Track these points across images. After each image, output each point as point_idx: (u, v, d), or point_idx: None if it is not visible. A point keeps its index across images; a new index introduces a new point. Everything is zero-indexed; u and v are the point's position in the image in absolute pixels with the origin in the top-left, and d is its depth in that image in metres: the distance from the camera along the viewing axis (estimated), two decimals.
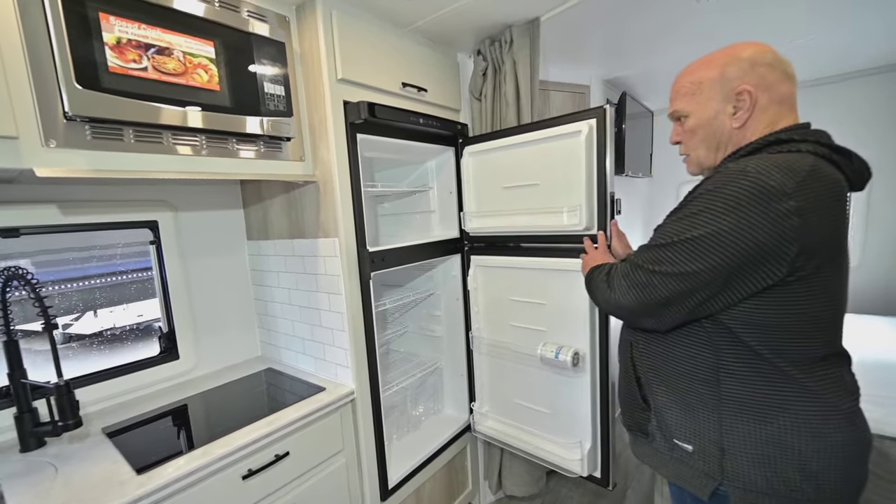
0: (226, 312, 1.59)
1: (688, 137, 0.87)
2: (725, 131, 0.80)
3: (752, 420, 0.78)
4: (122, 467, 0.92)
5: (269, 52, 1.16)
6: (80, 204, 1.22)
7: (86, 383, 1.23)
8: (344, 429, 1.32)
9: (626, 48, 2.03)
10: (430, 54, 1.58)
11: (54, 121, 0.83)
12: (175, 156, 1.01)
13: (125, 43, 0.90)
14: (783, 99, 0.78)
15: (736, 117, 0.79)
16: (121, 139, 0.92)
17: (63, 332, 4.84)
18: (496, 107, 1.69)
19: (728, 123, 0.80)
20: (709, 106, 0.81)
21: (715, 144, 0.83)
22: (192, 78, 1.01)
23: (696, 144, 0.86)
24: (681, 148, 0.91)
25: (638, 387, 0.94)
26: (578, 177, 1.29)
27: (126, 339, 1.44)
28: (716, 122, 0.81)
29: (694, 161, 0.89)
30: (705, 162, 0.86)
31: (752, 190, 0.69)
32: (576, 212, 1.31)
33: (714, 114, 0.81)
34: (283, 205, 1.46)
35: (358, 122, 1.29)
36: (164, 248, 1.39)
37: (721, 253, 0.72)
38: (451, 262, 1.76)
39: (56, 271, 3.85)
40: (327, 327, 1.39)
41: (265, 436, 1.07)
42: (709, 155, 0.85)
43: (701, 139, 0.84)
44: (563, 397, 1.47)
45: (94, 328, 3.19)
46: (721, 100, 0.80)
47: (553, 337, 1.45)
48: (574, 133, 1.29)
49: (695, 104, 0.83)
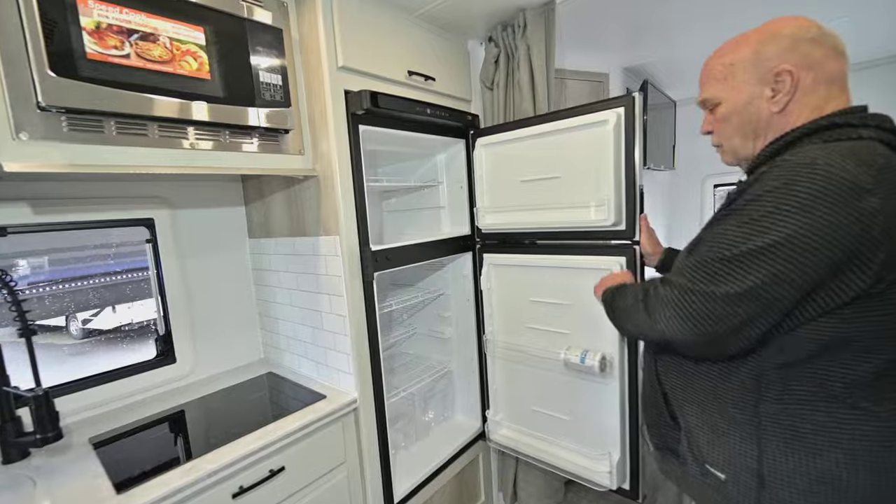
0: (226, 314, 1.53)
1: (721, 126, 0.78)
2: (763, 117, 0.72)
3: (799, 450, 0.66)
4: (102, 483, 0.86)
5: (265, 39, 1.08)
6: (72, 201, 1.16)
7: (77, 389, 1.17)
8: (346, 440, 1.24)
9: (648, 34, 1.90)
10: (438, 41, 1.49)
11: (26, 112, 0.76)
12: (161, 149, 0.93)
13: (105, 28, 0.83)
14: (832, 78, 0.68)
15: (775, 101, 0.70)
16: (101, 131, 0.85)
17: (83, 328, 4.79)
18: (509, 96, 1.58)
19: (766, 108, 0.71)
20: (742, 90, 0.73)
21: (752, 132, 0.74)
22: (180, 66, 0.93)
23: (730, 133, 0.77)
24: (713, 138, 0.82)
25: (665, 402, 0.84)
26: (606, 169, 1.21)
27: (144, 334, 1.39)
28: (751, 107, 0.72)
29: (729, 151, 0.80)
30: (741, 152, 0.77)
31: (827, 186, 0.58)
32: (604, 206, 1.22)
33: (749, 98, 0.72)
34: (284, 201, 1.39)
35: (360, 112, 1.21)
36: (160, 246, 1.33)
37: (799, 262, 0.60)
38: (462, 261, 1.67)
39: (75, 268, 3.84)
40: (329, 331, 1.31)
41: (258, 450, 0.99)
42: (745, 144, 0.76)
43: (735, 127, 0.76)
44: (587, 404, 1.38)
45: (112, 324, 3.18)
46: (756, 82, 0.71)
47: (576, 340, 1.36)
48: (601, 122, 1.20)
49: (727, 89, 0.75)
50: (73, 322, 4.72)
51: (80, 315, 4.63)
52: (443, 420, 1.80)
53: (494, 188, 1.52)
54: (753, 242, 0.62)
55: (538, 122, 1.35)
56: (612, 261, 1.24)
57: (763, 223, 0.62)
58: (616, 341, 1.26)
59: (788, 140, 0.69)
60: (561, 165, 1.32)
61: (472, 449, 1.69)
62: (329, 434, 1.19)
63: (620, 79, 2.28)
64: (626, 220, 1.21)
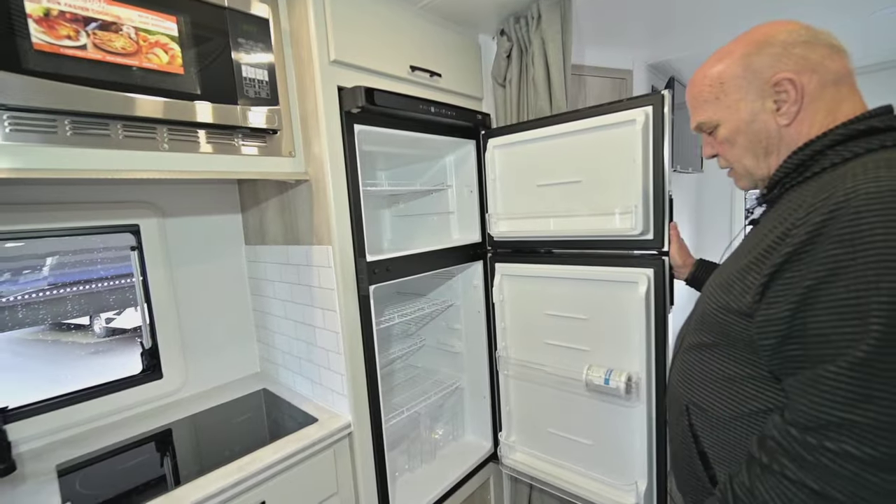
0: (220, 326, 1.45)
1: (726, 149, 0.71)
2: (772, 132, 0.65)
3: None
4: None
5: (249, 30, 0.99)
6: (49, 206, 1.09)
7: (54, 407, 1.10)
8: (338, 468, 1.13)
9: (676, 27, 1.74)
10: (445, 35, 1.37)
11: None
12: (127, 151, 0.85)
13: (56, 15, 0.75)
14: (838, 78, 0.61)
15: (782, 113, 0.63)
16: (53, 132, 0.76)
17: (106, 326, 4.99)
18: (523, 93, 1.45)
19: (773, 122, 0.64)
20: (740, 108, 0.66)
21: (762, 150, 0.67)
22: (147, 59, 0.84)
23: (738, 154, 0.70)
24: (719, 161, 0.75)
25: (703, 464, 0.69)
26: (633, 173, 1.11)
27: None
28: (756, 124, 0.66)
29: (742, 174, 0.72)
30: (757, 172, 0.69)
31: None
32: (630, 214, 1.12)
33: (751, 115, 0.66)
34: (278, 207, 1.30)
35: (354, 110, 1.10)
36: (146, 254, 1.26)
37: None
38: (473, 270, 1.55)
39: (108, 268, 3.95)
40: (322, 347, 1.21)
41: (234, 484, 0.89)
42: (758, 164, 0.68)
43: (744, 148, 0.68)
44: (611, 429, 1.26)
45: (133, 323, 3.19)
46: (755, 97, 0.65)
47: (597, 357, 1.25)
48: (628, 122, 1.10)
49: (722, 109, 0.68)
50: (96, 321, 4.88)
51: (103, 315, 4.78)
52: (452, 440, 1.67)
53: (508, 193, 1.40)
54: (870, 335, 0.46)
55: (557, 121, 1.25)
56: (638, 272, 1.14)
57: (861, 301, 0.47)
58: (643, 359, 1.14)
59: (816, 150, 0.60)
60: (582, 169, 1.21)
61: (483, 472, 1.56)
62: (319, 462, 1.08)
63: (645, 76, 2.11)
64: (653, 228, 1.12)
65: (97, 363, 4.29)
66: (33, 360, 4.56)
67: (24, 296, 4.25)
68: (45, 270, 4.27)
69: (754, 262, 0.58)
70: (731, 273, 0.63)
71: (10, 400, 1.08)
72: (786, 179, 0.64)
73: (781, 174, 0.64)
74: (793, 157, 0.62)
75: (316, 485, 1.08)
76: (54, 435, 1.10)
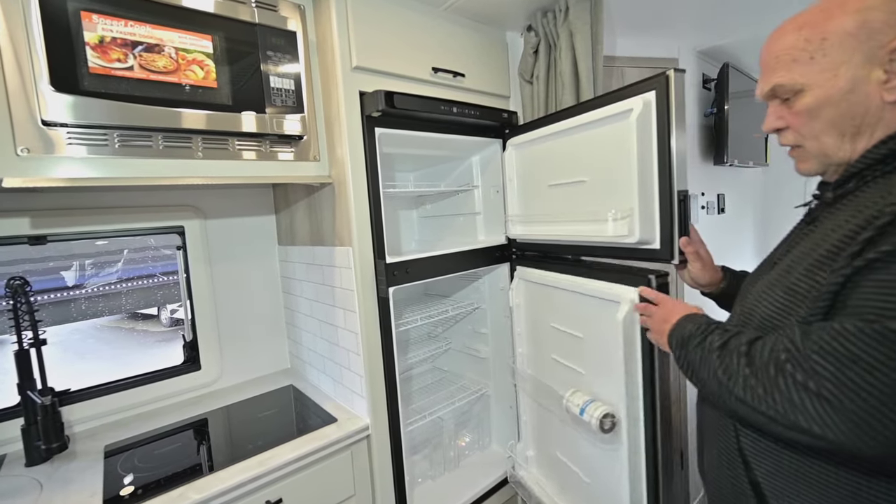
0: (253, 322, 1.52)
1: (803, 121, 0.59)
2: (872, 108, 0.54)
3: None
4: (95, 502, 0.85)
5: (277, 43, 1.03)
6: (106, 210, 1.21)
7: (105, 392, 1.21)
8: (356, 470, 1.14)
9: (728, 8, 1.59)
10: (469, 34, 1.36)
11: (28, 127, 0.77)
12: (167, 160, 0.92)
13: (109, 42, 0.82)
14: None
15: (891, 86, 0.53)
16: (104, 144, 0.84)
17: (171, 317, 5.60)
18: (551, 89, 1.40)
19: (876, 96, 0.54)
20: (839, 73, 0.55)
21: (852, 129, 0.56)
22: (185, 75, 0.91)
23: (818, 130, 0.58)
24: (785, 136, 0.63)
25: (757, 497, 0.60)
26: (629, 171, 0.95)
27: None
28: (853, 95, 0.54)
29: (816, 154, 0.60)
30: (836, 155, 0.58)
31: None
32: (626, 219, 0.97)
33: (850, 84, 0.54)
34: (306, 208, 1.35)
35: (375, 114, 1.12)
36: (189, 253, 1.35)
37: None
38: (499, 273, 1.52)
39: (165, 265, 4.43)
40: (344, 347, 1.23)
41: (254, 478, 0.93)
42: (841, 144, 0.57)
43: (828, 122, 0.57)
44: (600, 467, 1.11)
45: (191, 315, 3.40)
46: (862, 62, 0.53)
47: (589, 383, 1.11)
48: (623, 113, 0.96)
49: (816, 72, 0.56)
50: (163, 312, 5.39)
51: (169, 306, 5.27)
52: (478, 449, 1.64)
53: (523, 194, 1.35)
54: None
55: (561, 117, 1.15)
56: (622, 291, 0.97)
57: None
58: (621, 395, 0.98)
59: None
60: (587, 167, 1.09)
61: (509, 486, 1.51)
62: (336, 463, 1.10)
63: (694, 63, 1.96)
64: (660, 237, 0.94)
65: (160, 351, 4.72)
66: (108, 345, 5.12)
67: (102, 287, 4.78)
68: (119, 265, 4.77)
69: (826, 257, 0.52)
70: (796, 274, 0.56)
71: (85, 381, 1.21)
72: (868, 171, 0.55)
73: (868, 162, 0.55)
74: (887, 143, 0.53)
75: (333, 486, 1.10)
76: (104, 418, 1.22)
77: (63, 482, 0.92)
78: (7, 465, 1.00)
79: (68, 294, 4.32)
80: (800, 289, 0.54)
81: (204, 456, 1.05)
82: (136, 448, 1.07)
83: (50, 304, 4.20)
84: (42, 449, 0.95)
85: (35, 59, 0.75)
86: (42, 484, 0.91)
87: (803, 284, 0.54)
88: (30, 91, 0.76)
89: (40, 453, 0.97)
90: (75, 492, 0.88)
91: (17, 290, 0.94)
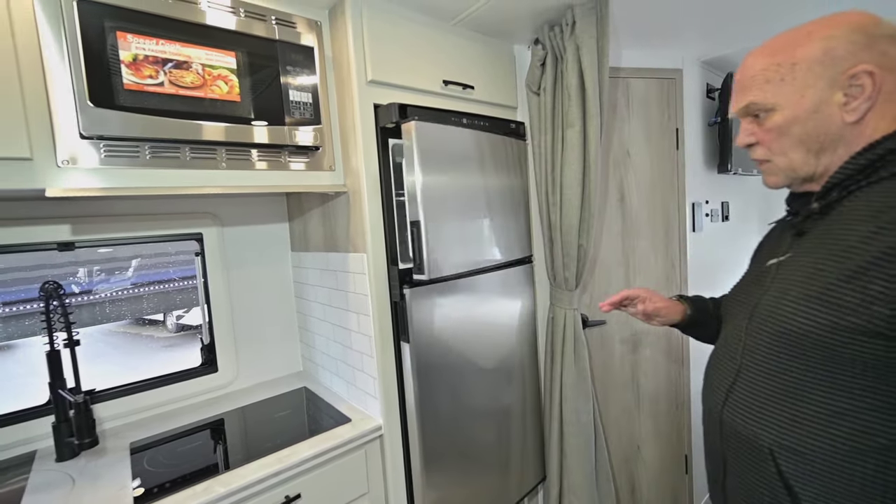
0: (268, 325, 1.57)
1: (773, 138, 0.65)
2: (833, 128, 0.60)
3: None
4: (125, 494, 0.89)
5: (295, 58, 1.09)
6: (130, 217, 1.26)
7: (129, 392, 1.26)
8: (369, 469, 1.18)
9: (733, 18, 1.63)
10: (478, 47, 1.41)
11: (69, 140, 0.82)
12: (193, 170, 0.97)
13: (142, 59, 0.88)
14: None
15: (850, 108, 0.58)
16: (136, 156, 0.89)
17: (176, 323, 5.74)
18: (557, 101, 1.44)
19: (838, 117, 0.59)
20: (806, 95, 0.60)
21: (818, 146, 0.62)
22: (211, 90, 0.96)
23: (787, 146, 0.64)
24: (756, 151, 0.68)
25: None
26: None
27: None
28: (818, 115, 0.60)
29: (783, 168, 0.66)
30: (801, 169, 0.64)
31: None
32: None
33: (816, 105, 0.60)
34: (320, 216, 1.39)
35: (389, 125, 1.17)
36: (207, 259, 1.40)
37: None
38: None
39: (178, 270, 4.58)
40: (357, 350, 1.27)
41: (274, 474, 0.97)
42: (807, 160, 0.63)
43: (797, 140, 0.63)
44: None
45: (198, 321, 3.52)
46: (826, 86, 0.59)
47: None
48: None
49: (786, 93, 0.62)
50: (169, 318, 5.46)
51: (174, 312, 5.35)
52: None
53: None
54: None
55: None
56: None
57: None
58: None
59: (890, 147, 0.56)
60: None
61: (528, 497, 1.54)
62: (350, 462, 1.13)
63: (699, 73, 2.00)
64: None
65: (167, 356, 4.79)
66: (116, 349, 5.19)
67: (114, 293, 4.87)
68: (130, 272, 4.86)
69: (871, 264, 0.51)
70: (831, 287, 0.55)
71: (97, 383, 1.26)
72: (848, 181, 0.59)
73: (846, 174, 0.59)
74: (863, 155, 0.58)
75: (348, 483, 1.14)
76: (126, 417, 1.26)
77: (93, 477, 0.97)
78: (38, 461, 1.04)
79: (89, 298, 4.42)
80: (846, 302, 0.53)
81: (225, 453, 1.09)
82: (159, 445, 1.12)
83: (76, 307, 4.34)
84: (74, 445, 1.00)
85: (76, 77, 0.81)
86: (74, 478, 0.96)
87: (850, 297, 0.53)
88: (71, 107, 0.81)
89: (71, 449, 1.01)
90: (106, 485, 0.93)
91: (51, 293, 0.99)
